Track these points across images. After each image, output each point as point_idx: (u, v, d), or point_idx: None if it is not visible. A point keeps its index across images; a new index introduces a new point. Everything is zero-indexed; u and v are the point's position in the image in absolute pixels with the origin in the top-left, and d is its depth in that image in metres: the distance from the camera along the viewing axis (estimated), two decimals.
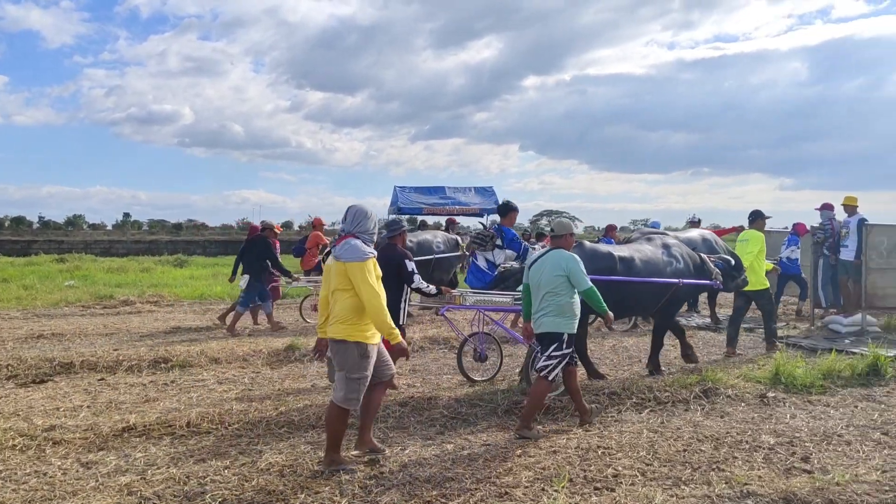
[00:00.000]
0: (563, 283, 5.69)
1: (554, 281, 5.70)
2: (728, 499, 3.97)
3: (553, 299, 5.70)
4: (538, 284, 5.83)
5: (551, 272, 5.73)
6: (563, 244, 5.94)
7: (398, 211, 27.16)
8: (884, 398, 6.71)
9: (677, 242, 8.14)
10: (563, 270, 5.69)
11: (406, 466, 4.77)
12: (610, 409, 6.27)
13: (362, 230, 4.91)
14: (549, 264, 5.79)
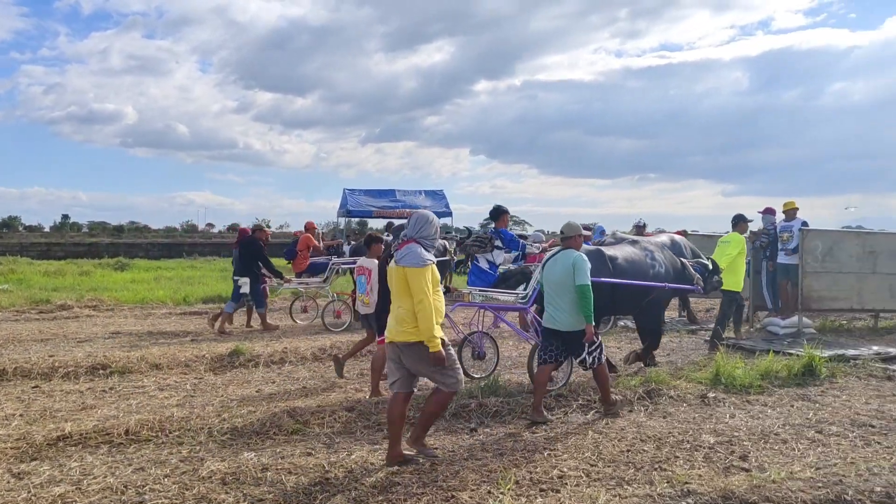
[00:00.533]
0: (569, 279, 6.12)
1: (565, 278, 6.15)
2: (669, 497, 4.05)
3: (564, 295, 6.17)
4: (551, 282, 6.31)
5: (562, 270, 6.20)
6: (573, 244, 6.40)
7: (347, 214, 26.99)
8: (818, 397, 6.93)
9: (660, 246, 8.38)
10: (572, 264, 6.13)
11: (352, 472, 4.72)
12: (556, 410, 6.33)
13: (423, 236, 5.02)
14: (559, 263, 6.28)
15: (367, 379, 7.74)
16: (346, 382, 7.58)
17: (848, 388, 7.38)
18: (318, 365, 8.52)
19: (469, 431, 5.73)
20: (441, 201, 27.23)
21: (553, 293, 6.30)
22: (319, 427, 5.72)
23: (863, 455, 5.11)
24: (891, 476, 4.54)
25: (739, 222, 9.99)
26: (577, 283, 6.06)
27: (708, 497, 4.03)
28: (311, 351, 8.95)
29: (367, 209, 26.62)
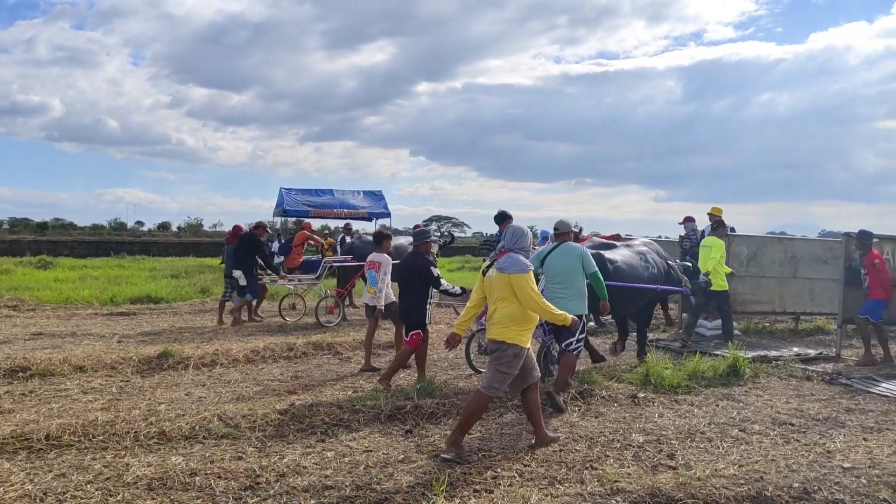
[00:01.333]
0: (577, 269, 6.83)
1: (571, 267, 6.83)
2: (599, 496, 4.12)
3: (574, 283, 6.83)
4: (555, 273, 6.91)
5: (565, 261, 6.86)
6: (567, 238, 7.11)
7: (283, 213, 26.53)
8: (742, 397, 7.18)
9: (650, 250, 8.98)
10: (578, 256, 6.83)
11: (284, 476, 4.64)
12: (492, 411, 6.37)
13: (520, 247, 5.48)
14: (560, 255, 6.93)
15: (300, 381, 7.66)
16: (280, 385, 7.46)
17: (770, 387, 7.67)
18: (250, 367, 8.35)
19: (404, 433, 5.71)
20: (380, 202, 27.05)
21: (557, 283, 6.88)
22: (251, 430, 5.61)
23: (783, 452, 5.32)
24: (808, 472, 4.73)
25: (719, 227, 10.64)
26: (590, 272, 6.85)
27: (636, 495, 4.12)
28: (244, 353, 8.77)
29: (304, 209, 26.20)
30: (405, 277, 7.58)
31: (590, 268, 6.87)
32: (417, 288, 7.48)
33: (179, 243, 41.93)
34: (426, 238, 7.85)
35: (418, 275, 7.44)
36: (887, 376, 8.30)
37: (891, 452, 5.30)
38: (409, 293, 7.56)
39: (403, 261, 7.83)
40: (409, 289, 7.55)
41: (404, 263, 7.72)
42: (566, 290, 6.82)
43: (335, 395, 6.88)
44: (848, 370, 8.68)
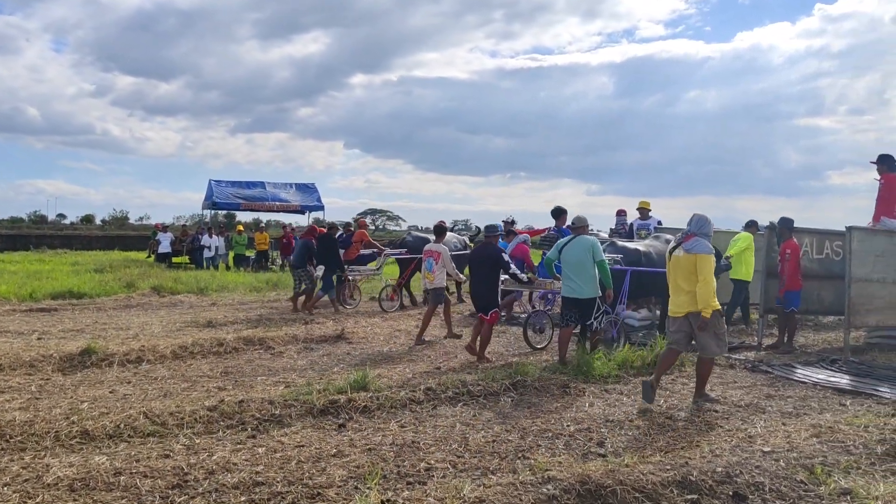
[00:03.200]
0: (589, 258, 8.05)
1: (583, 257, 8.06)
2: (531, 485, 4.17)
3: (586, 271, 8.08)
4: (570, 261, 8.18)
5: (580, 251, 8.10)
6: (583, 232, 8.42)
7: (213, 206, 26.00)
8: (669, 385, 7.39)
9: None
10: (590, 247, 8.06)
11: (213, 473, 4.53)
12: (426, 404, 6.38)
13: (704, 232, 6.53)
14: (576, 246, 8.17)
15: (231, 377, 7.51)
16: (209, 381, 7.28)
17: (695, 376, 7.89)
18: (178, 363, 8.13)
19: (337, 428, 5.66)
20: (312, 195, 26.79)
21: (572, 270, 8.18)
22: (178, 428, 5.46)
23: (707, 438, 5.49)
24: (731, 457, 4.90)
25: (750, 226, 11.40)
26: (597, 260, 8.03)
27: (567, 483, 4.18)
28: (171, 349, 8.52)
29: (235, 201, 25.76)
30: (478, 264, 8.86)
31: (598, 256, 8.07)
32: (489, 273, 8.69)
33: (104, 237, 40.53)
34: (496, 231, 9.26)
35: (491, 262, 8.65)
36: (805, 363, 8.68)
37: (808, 436, 5.53)
38: (481, 278, 8.80)
39: (475, 250, 9.46)
40: (481, 274, 8.79)
41: (476, 252, 9.20)
42: (579, 275, 8.13)
43: (267, 390, 6.76)
44: (768, 358, 9.03)
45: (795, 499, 4.35)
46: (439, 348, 9.47)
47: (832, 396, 7.07)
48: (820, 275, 10.36)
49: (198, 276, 18.96)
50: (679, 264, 6.53)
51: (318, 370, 7.92)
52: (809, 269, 10.20)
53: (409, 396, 6.45)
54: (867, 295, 9.07)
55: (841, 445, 5.29)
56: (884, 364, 8.80)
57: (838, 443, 5.35)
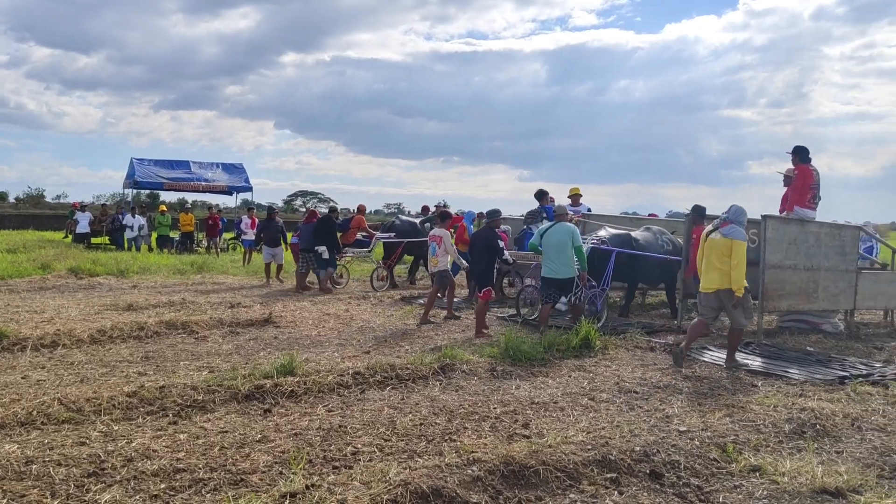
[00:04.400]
0: (568, 243, 8.89)
1: (563, 242, 8.90)
2: (456, 467, 4.22)
3: (565, 254, 8.91)
4: (551, 244, 9.00)
5: (561, 236, 8.94)
6: (563, 219, 9.23)
7: (135, 185, 25.11)
8: (592, 368, 7.58)
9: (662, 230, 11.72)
10: (571, 233, 8.91)
11: (131, 461, 4.41)
12: (354, 388, 6.36)
13: (739, 221, 7.60)
14: (558, 232, 9.00)
15: (152, 362, 7.31)
16: (129, 366, 7.07)
17: (618, 358, 8.15)
18: (96, 348, 7.85)
19: (262, 413, 5.59)
20: (240, 175, 26.19)
21: (552, 253, 9.00)
22: (96, 414, 5.28)
23: (627, 418, 5.67)
24: (649, 436, 5.08)
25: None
26: (576, 245, 8.90)
27: (491, 464, 4.25)
28: (89, 333, 8.22)
29: (158, 181, 24.95)
30: (477, 247, 9.85)
31: (576, 242, 8.95)
32: (485, 255, 9.62)
33: (17, 215, 38.67)
34: (498, 216, 10.03)
35: (487, 246, 9.54)
36: (720, 346, 9.02)
37: (721, 416, 5.78)
38: (478, 259, 9.80)
39: (476, 233, 10.60)
40: (479, 256, 9.77)
41: (477, 236, 10.23)
42: (559, 258, 8.95)
43: (190, 375, 6.61)
44: None
45: (708, 476, 4.54)
46: (368, 332, 9.43)
47: (745, 378, 7.39)
48: None
49: (118, 257, 18.32)
50: (715, 246, 7.56)
51: (243, 355, 7.79)
52: None
53: (338, 381, 6.42)
54: (780, 281, 9.49)
55: (752, 424, 5.55)
56: (794, 347, 9.25)
57: (749, 422, 5.61)
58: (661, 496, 4.22)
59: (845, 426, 5.66)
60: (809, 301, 9.95)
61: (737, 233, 7.48)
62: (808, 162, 10.23)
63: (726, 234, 7.50)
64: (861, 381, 7.20)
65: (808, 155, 10.25)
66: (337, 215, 15.09)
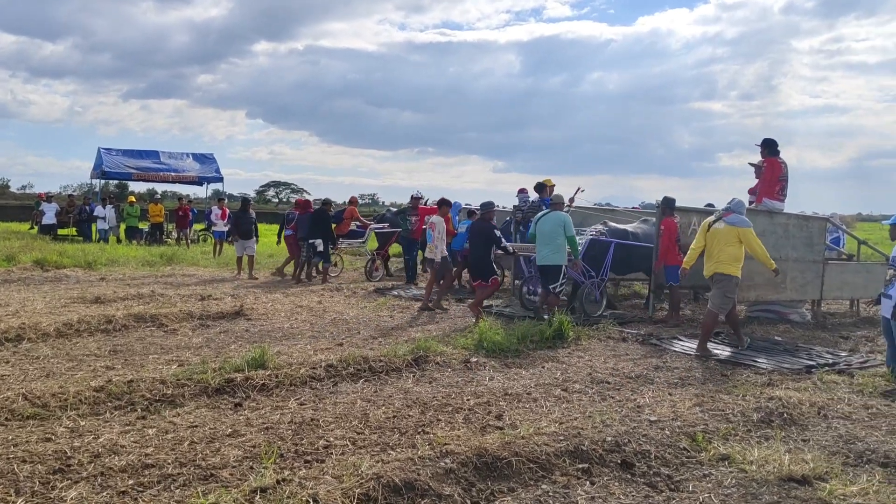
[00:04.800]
0: (560, 231, 9.32)
1: (555, 229, 9.34)
2: (429, 459, 4.21)
3: (555, 241, 9.35)
4: (543, 232, 9.46)
5: (552, 224, 9.38)
6: (558, 208, 9.72)
7: (102, 175, 24.67)
8: (565, 359, 7.62)
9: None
10: (562, 222, 9.32)
11: (98, 456, 4.33)
12: (326, 381, 6.32)
13: (740, 211, 8.11)
14: (550, 220, 9.46)
15: (120, 356, 7.20)
16: (96, 360, 6.95)
17: (590, 349, 8.21)
18: (62, 342, 7.69)
19: (233, 407, 5.53)
20: (211, 165, 25.87)
21: (544, 240, 9.44)
22: (62, 410, 5.19)
23: (599, 409, 5.70)
24: (620, 427, 5.12)
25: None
26: (568, 234, 9.30)
27: (464, 456, 4.25)
28: (55, 326, 8.06)
29: (127, 171, 24.55)
30: (474, 238, 10.22)
31: (569, 231, 9.34)
32: (483, 245, 9.98)
33: (339, 212, 37.76)
34: (491, 208, 10.34)
35: (484, 237, 9.92)
36: (691, 336, 9.13)
37: (691, 405, 5.85)
38: (476, 250, 10.16)
39: (473, 224, 10.77)
40: (477, 246, 10.13)
41: (474, 227, 10.47)
42: (550, 244, 9.38)
43: (159, 369, 6.51)
44: (658, 331, 9.46)
45: (678, 465, 4.59)
46: (342, 325, 9.39)
47: (715, 367, 7.49)
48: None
49: (85, 249, 18.00)
50: (719, 235, 8.04)
51: (214, 348, 7.70)
52: None
53: (310, 374, 6.38)
54: (748, 271, 9.58)
55: (721, 414, 5.62)
56: (762, 336, 9.39)
57: (718, 411, 5.68)
58: (631, 486, 4.25)
59: (812, 415, 5.75)
60: (777, 291, 10.10)
61: (742, 221, 8.01)
62: (777, 154, 10.36)
63: (731, 223, 7.99)
64: (827, 370, 7.33)
65: (777, 147, 10.37)
66: (330, 207, 15.29)
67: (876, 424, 5.59)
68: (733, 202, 8.20)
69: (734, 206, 8.15)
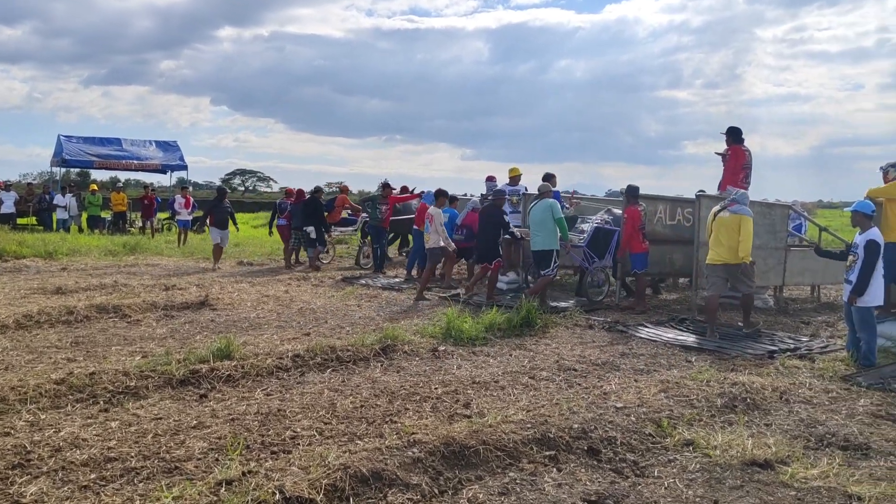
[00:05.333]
0: (549, 217, 9.75)
1: (544, 216, 9.79)
2: (396, 448, 4.20)
3: (546, 227, 9.79)
4: (535, 219, 9.95)
5: (542, 211, 9.84)
6: (547, 196, 10.10)
7: (63, 163, 24.14)
8: (533, 346, 7.66)
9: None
10: (550, 207, 9.77)
11: (59, 450, 4.25)
12: (293, 371, 6.27)
13: (742, 201, 8.46)
14: (540, 207, 9.92)
15: (81, 348, 7.06)
16: (57, 352, 6.80)
17: (558, 336, 8.26)
18: (21, 333, 7.52)
19: (198, 398, 5.46)
20: (175, 153, 25.44)
21: (535, 226, 9.93)
22: (21, 403, 5.07)
23: (566, 396, 5.74)
24: (586, 413, 5.16)
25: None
26: (556, 218, 9.73)
27: (432, 445, 4.25)
28: (14, 318, 7.88)
29: (88, 159, 24.02)
30: (483, 224, 10.74)
31: (556, 215, 9.76)
32: (491, 231, 10.49)
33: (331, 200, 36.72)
34: (503, 195, 10.97)
35: (493, 222, 10.45)
36: (657, 323, 9.25)
37: (656, 391, 5.91)
38: (484, 235, 10.67)
39: (483, 210, 11.15)
40: (485, 232, 10.63)
41: (483, 212, 10.96)
42: (541, 230, 9.84)
43: (122, 361, 6.40)
44: (624, 318, 9.56)
45: (644, 451, 4.64)
46: (309, 314, 9.32)
47: (680, 354, 7.59)
48: (672, 239, 11.02)
49: (46, 238, 17.60)
50: (724, 223, 8.42)
51: (179, 339, 7.59)
52: (662, 234, 10.83)
53: (276, 364, 6.32)
54: None
55: (686, 399, 5.70)
56: (726, 323, 9.53)
57: (683, 397, 5.75)
58: (598, 472, 4.30)
59: (774, 399, 5.86)
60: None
61: (744, 210, 8.42)
62: (741, 143, 10.50)
63: (735, 212, 8.37)
64: (789, 355, 7.47)
65: (742, 136, 10.51)
66: (322, 195, 15.70)
67: (836, 408, 5.71)
68: (738, 194, 8.64)
69: (738, 197, 8.53)
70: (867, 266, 6.99)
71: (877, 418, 5.49)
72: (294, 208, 15.13)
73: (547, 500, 3.88)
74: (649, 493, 4.02)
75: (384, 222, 14.23)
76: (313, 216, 14.53)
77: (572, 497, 3.92)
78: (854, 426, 5.24)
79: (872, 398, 5.98)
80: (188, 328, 8.19)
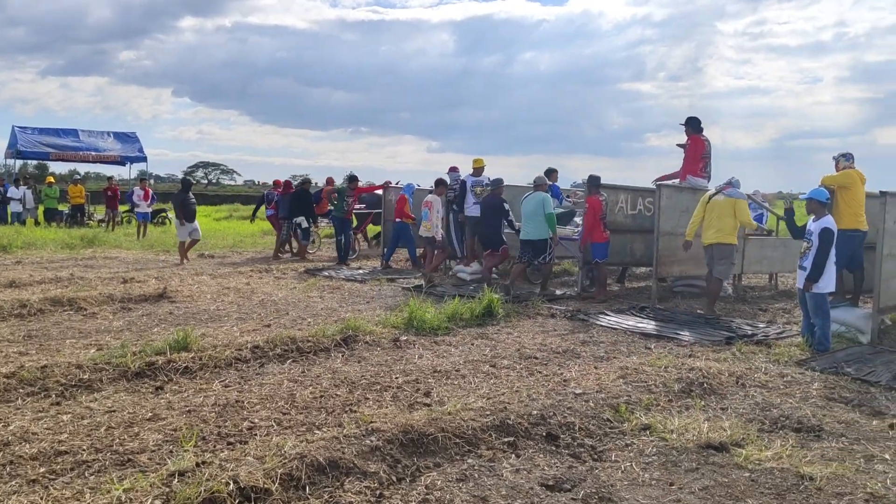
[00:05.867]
0: (541, 210, 10.13)
1: (536, 208, 10.16)
2: (355, 437, 4.17)
3: (538, 219, 10.17)
4: (527, 211, 10.29)
5: (534, 204, 10.21)
6: (541, 189, 10.43)
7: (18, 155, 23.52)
8: (494, 335, 7.68)
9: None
10: (542, 201, 10.15)
11: (8, 444, 4.14)
12: (252, 362, 6.20)
13: (736, 185, 8.99)
14: (533, 200, 10.28)
15: (34, 341, 6.90)
16: (9, 345, 6.63)
17: (520, 325, 8.29)
18: None
19: (154, 391, 5.36)
20: (133, 145, 24.96)
21: (528, 218, 10.28)
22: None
23: (526, 384, 5.77)
24: (546, 400, 5.19)
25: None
26: (546, 212, 10.10)
27: (390, 433, 4.23)
28: None
29: (44, 151, 23.45)
30: (485, 212, 11.21)
31: (547, 209, 10.13)
32: (494, 219, 10.97)
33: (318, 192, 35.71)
34: (502, 183, 11.29)
35: (494, 210, 10.92)
36: (617, 311, 9.34)
37: (615, 378, 5.97)
38: (488, 223, 11.15)
39: (485, 199, 11.42)
40: (488, 219, 11.12)
41: (485, 202, 11.32)
42: (533, 222, 10.21)
43: (75, 354, 6.26)
44: (585, 307, 9.63)
45: (602, 436, 4.69)
46: (270, 306, 9.22)
47: (639, 341, 7.67)
48: (633, 229, 11.14)
49: (0, 231, 17.14)
50: (717, 206, 8.91)
51: (135, 331, 7.45)
52: (623, 224, 10.94)
53: (235, 355, 6.24)
54: (673, 247, 9.86)
55: (644, 385, 5.76)
56: (685, 310, 9.67)
57: (641, 383, 5.82)
58: (556, 457, 4.32)
59: (730, 384, 5.96)
60: (700, 266, 10.39)
61: (738, 194, 8.99)
62: (700, 132, 10.62)
63: (729, 195, 8.93)
64: (746, 340, 7.60)
65: (700, 125, 10.64)
66: (309, 187, 16.31)
67: (790, 392, 5.83)
68: (733, 179, 9.13)
69: (735, 182, 9.08)
70: (821, 253, 7.13)
71: (830, 401, 5.62)
72: (281, 199, 15.64)
73: (505, 485, 3.90)
74: (606, 476, 4.06)
75: (348, 214, 14.32)
76: (304, 208, 15.03)
77: (530, 482, 3.94)
78: (807, 409, 5.36)
79: (826, 382, 6.12)
80: (146, 321, 8.05)
